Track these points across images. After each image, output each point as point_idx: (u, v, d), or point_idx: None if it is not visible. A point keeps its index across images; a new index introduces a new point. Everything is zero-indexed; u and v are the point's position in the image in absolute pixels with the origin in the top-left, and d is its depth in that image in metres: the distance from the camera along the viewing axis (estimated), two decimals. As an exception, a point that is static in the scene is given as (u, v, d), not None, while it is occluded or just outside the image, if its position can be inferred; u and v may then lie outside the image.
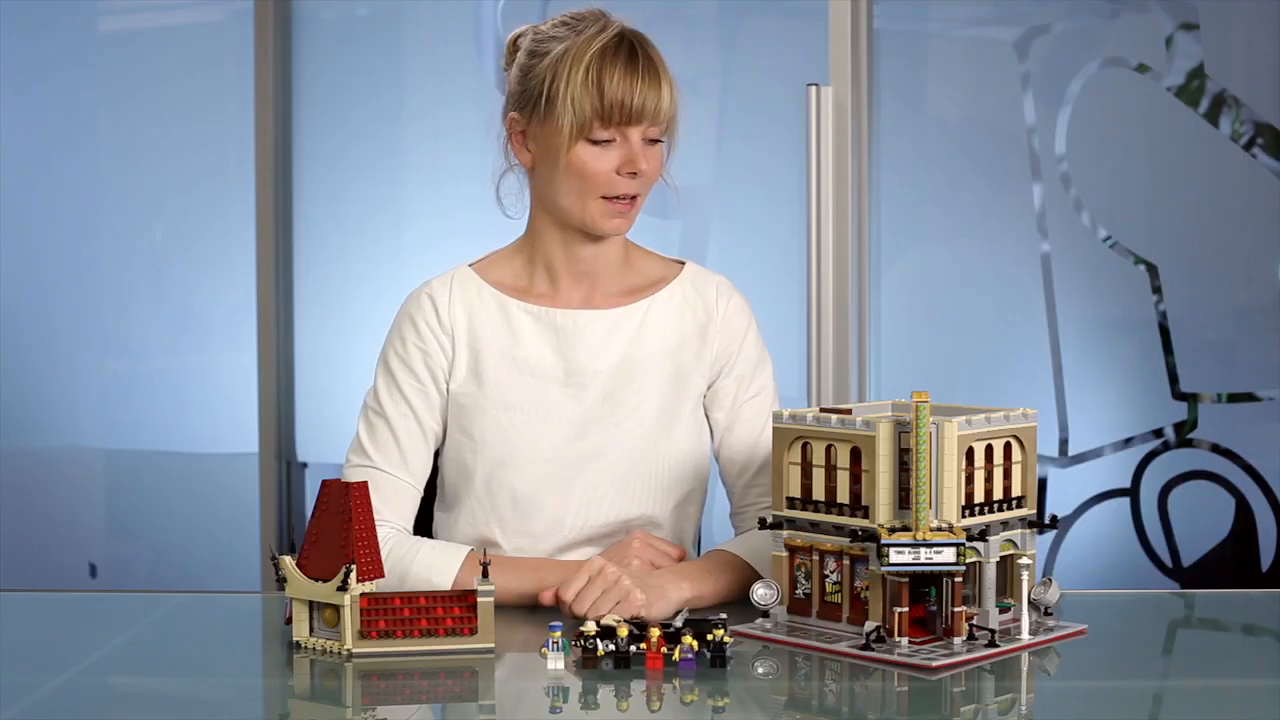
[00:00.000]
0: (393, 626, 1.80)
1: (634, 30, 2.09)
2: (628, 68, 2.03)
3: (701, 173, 3.65)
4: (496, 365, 2.12)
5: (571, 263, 2.14)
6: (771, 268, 3.46)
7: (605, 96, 2.02)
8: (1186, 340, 3.41)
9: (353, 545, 1.80)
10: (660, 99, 2.05)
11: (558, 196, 2.10)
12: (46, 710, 1.66)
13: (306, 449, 3.83)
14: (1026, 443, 1.86)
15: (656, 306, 2.17)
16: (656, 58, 2.07)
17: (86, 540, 4.04)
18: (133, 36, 4.06)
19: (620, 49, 2.05)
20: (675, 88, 2.08)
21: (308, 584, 1.82)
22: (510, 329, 2.14)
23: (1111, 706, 1.68)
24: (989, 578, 1.79)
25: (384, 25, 3.86)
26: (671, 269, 2.21)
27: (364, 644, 1.80)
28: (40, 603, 2.22)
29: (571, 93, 2.03)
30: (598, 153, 2.05)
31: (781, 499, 1.86)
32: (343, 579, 1.79)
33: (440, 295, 2.15)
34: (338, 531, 1.81)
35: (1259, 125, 3.39)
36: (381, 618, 1.80)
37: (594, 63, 2.03)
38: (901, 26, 3.53)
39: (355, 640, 1.79)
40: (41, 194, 4.06)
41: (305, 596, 1.83)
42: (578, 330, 2.13)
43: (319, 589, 1.81)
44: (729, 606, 1.95)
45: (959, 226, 3.53)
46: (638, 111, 2.03)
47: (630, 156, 2.05)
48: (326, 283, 3.82)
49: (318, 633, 1.83)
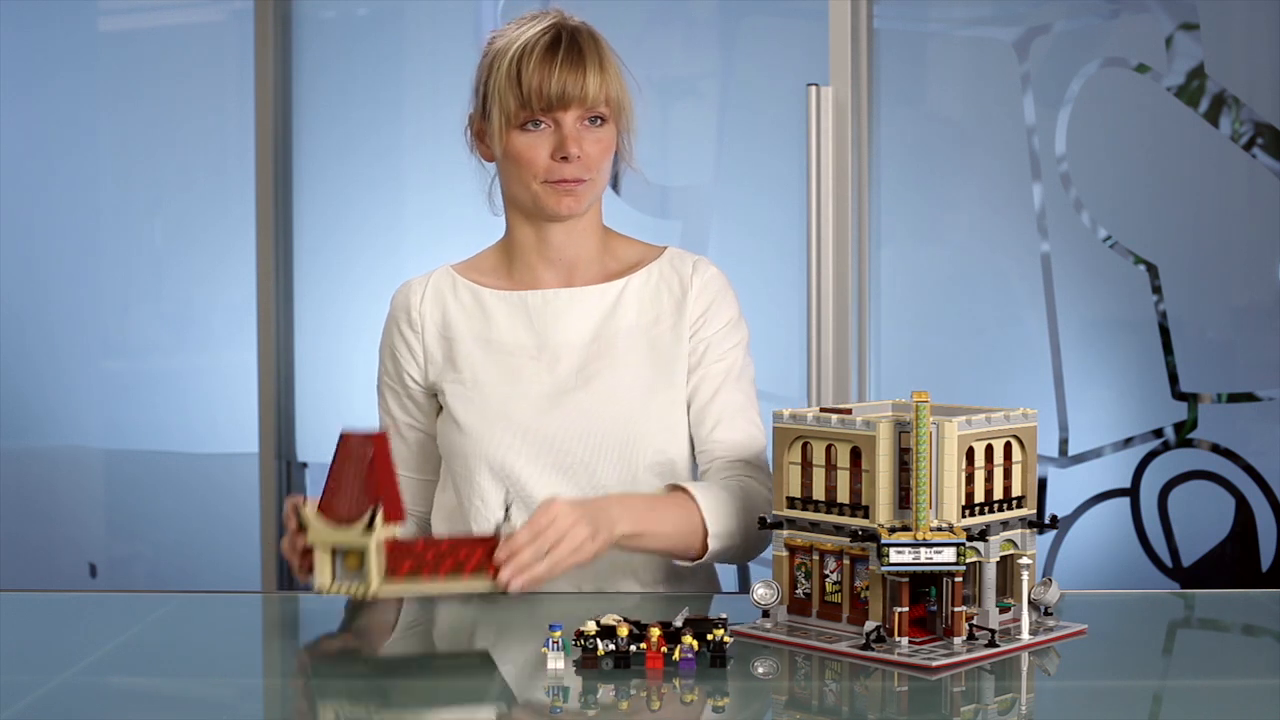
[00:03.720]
0: (418, 567, 1.81)
1: (575, 25, 2.15)
2: (546, 56, 2.10)
3: (701, 173, 3.65)
4: (469, 349, 2.19)
5: (545, 249, 2.20)
6: (771, 268, 3.46)
7: (523, 84, 2.09)
8: (1186, 340, 3.41)
9: (378, 489, 1.80)
10: (584, 83, 2.10)
11: (509, 186, 2.19)
12: (46, 710, 1.66)
13: (306, 449, 3.83)
14: (1026, 443, 1.86)
15: (633, 284, 2.21)
16: (587, 46, 2.12)
17: (86, 540, 4.04)
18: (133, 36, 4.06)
19: (543, 39, 2.11)
20: (612, 73, 2.13)
21: (330, 530, 1.82)
22: (483, 314, 2.20)
23: (1111, 706, 1.68)
24: (989, 578, 1.79)
25: (384, 25, 3.86)
26: (651, 253, 2.27)
27: (389, 585, 1.79)
28: (40, 603, 2.22)
29: (498, 86, 2.11)
30: (530, 140, 2.12)
31: (781, 499, 1.86)
32: (369, 520, 1.79)
33: (415, 294, 2.24)
34: (357, 480, 1.81)
35: (1259, 125, 3.39)
36: (406, 559, 1.81)
37: (515, 54, 2.10)
38: (901, 26, 3.53)
39: (381, 582, 1.79)
40: (41, 194, 4.06)
41: (329, 541, 1.82)
42: (547, 306, 2.19)
43: (345, 533, 1.81)
44: (729, 606, 1.95)
45: (959, 226, 3.53)
46: (558, 97, 2.09)
47: (561, 140, 2.11)
48: (326, 283, 3.82)
49: (340, 579, 1.82)
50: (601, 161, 2.15)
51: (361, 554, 1.81)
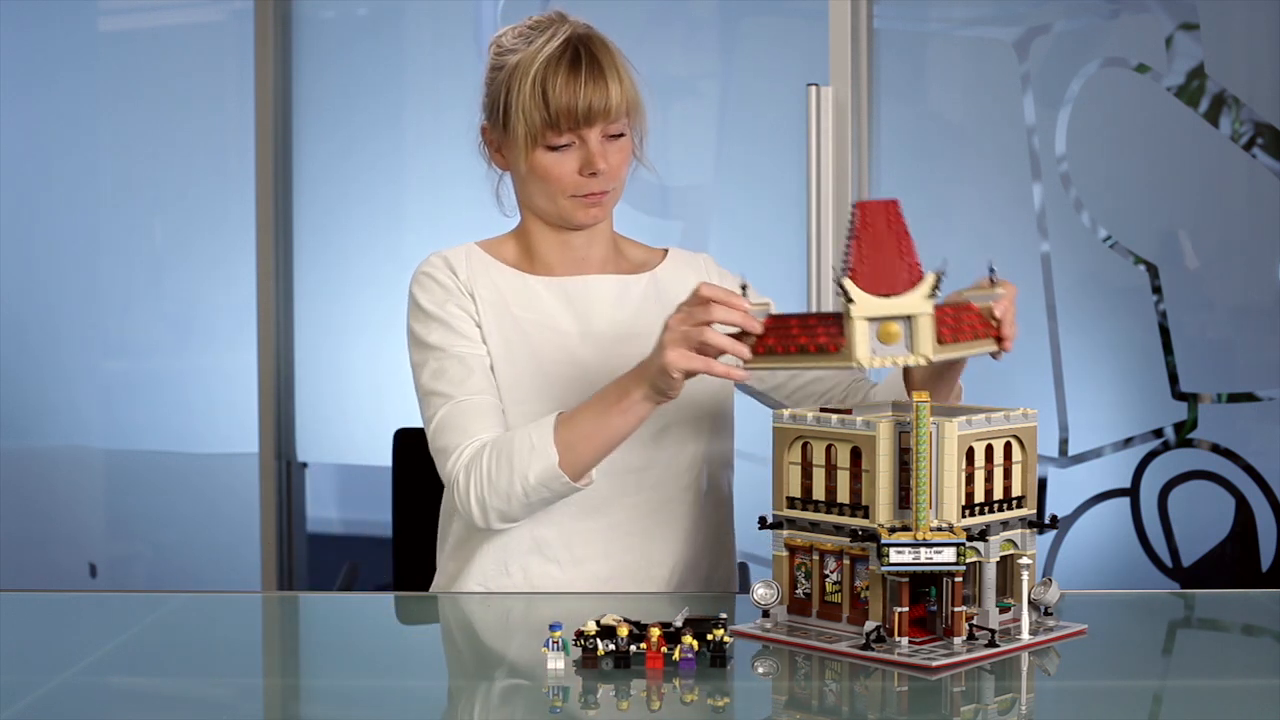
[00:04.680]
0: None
1: (586, 33, 2.14)
2: (571, 74, 2.09)
3: (701, 173, 3.65)
4: (509, 324, 2.16)
5: (565, 250, 2.21)
6: (771, 267, 3.46)
7: (551, 105, 2.09)
8: (1186, 340, 3.41)
9: (913, 253, 1.79)
10: (608, 98, 2.10)
11: (532, 199, 2.19)
12: (46, 710, 1.66)
13: (306, 449, 3.83)
14: (1026, 443, 1.86)
15: (661, 275, 2.25)
16: (604, 57, 2.12)
17: (86, 540, 4.04)
18: (133, 36, 4.06)
19: (564, 56, 2.10)
20: (628, 80, 2.14)
21: (879, 301, 1.77)
22: (524, 293, 2.19)
23: (1111, 706, 1.68)
24: (989, 578, 1.79)
25: (384, 25, 3.86)
26: (656, 255, 2.30)
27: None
28: (40, 603, 2.22)
29: (521, 104, 2.10)
30: (556, 158, 2.12)
31: (781, 499, 1.86)
32: (932, 287, 1.77)
33: (456, 260, 2.20)
34: (892, 246, 1.79)
35: (1259, 125, 3.39)
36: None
37: (539, 73, 2.09)
38: (901, 26, 3.53)
39: (935, 347, 1.78)
40: (42, 194, 4.06)
41: (877, 313, 1.77)
42: (588, 292, 2.20)
43: (899, 302, 1.77)
44: (729, 606, 1.95)
45: (959, 226, 3.53)
46: (585, 115, 2.09)
47: (588, 158, 2.11)
48: (326, 283, 3.82)
49: (877, 351, 1.78)
50: (623, 170, 2.17)
51: (906, 322, 1.77)
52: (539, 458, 2.00)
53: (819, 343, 1.81)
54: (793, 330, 1.84)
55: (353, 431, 3.80)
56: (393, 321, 3.77)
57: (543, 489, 2.02)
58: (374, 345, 3.78)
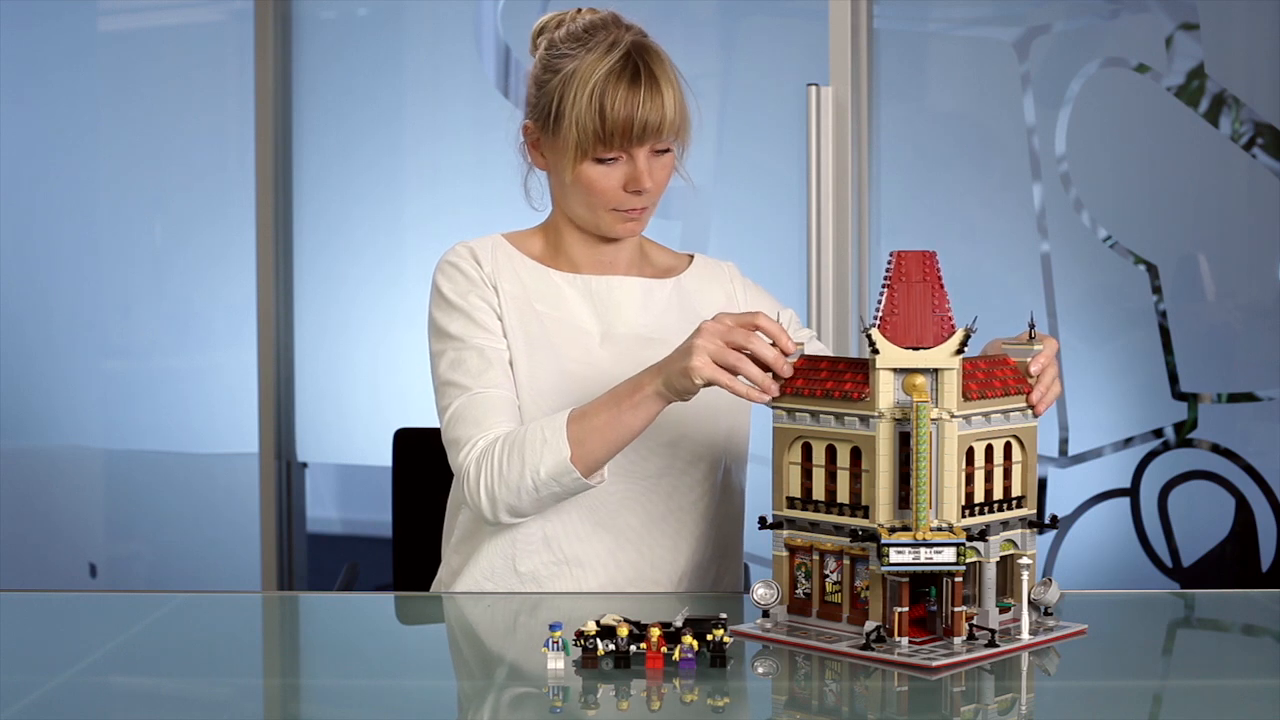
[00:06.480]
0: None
1: (642, 43, 2.12)
2: (630, 91, 2.07)
3: (701, 173, 3.65)
4: (531, 319, 2.15)
5: (593, 250, 2.21)
6: (771, 267, 3.46)
7: (607, 121, 2.07)
8: (1186, 340, 3.41)
9: (944, 307, 1.78)
10: (664, 116, 2.08)
11: (570, 205, 2.17)
12: (46, 710, 1.66)
13: (306, 449, 3.83)
14: (1026, 443, 1.86)
15: (686, 282, 2.25)
16: (660, 71, 2.10)
17: (86, 540, 4.04)
18: (133, 36, 4.06)
19: (625, 70, 2.08)
20: (680, 97, 2.12)
21: (905, 354, 1.77)
22: (548, 290, 2.18)
23: (1111, 706, 1.68)
24: (989, 578, 1.79)
25: (384, 25, 3.86)
26: (682, 260, 2.30)
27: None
28: (40, 603, 2.22)
29: (576, 115, 2.07)
30: (604, 171, 2.10)
31: (781, 499, 1.86)
32: (961, 343, 1.76)
33: (481, 251, 2.19)
34: (924, 300, 1.78)
35: (1259, 125, 3.39)
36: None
37: (598, 86, 2.06)
38: (901, 26, 3.53)
39: (960, 403, 1.77)
40: (41, 194, 4.06)
41: (903, 364, 1.77)
42: (612, 293, 2.19)
43: (927, 356, 1.77)
44: (729, 606, 1.95)
45: (959, 226, 3.53)
46: (639, 133, 2.08)
47: (635, 175, 2.10)
48: (326, 283, 3.82)
49: (899, 401, 1.78)
50: (665, 186, 2.16)
51: (932, 375, 1.77)
52: (551, 451, 2.00)
53: (844, 389, 1.81)
54: (822, 374, 1.85)
55: (353, 431, 3.80)
56: (393, 321, 3.80)
57: (553, 483, 2.01)
58: (374, 345, 3.78)
